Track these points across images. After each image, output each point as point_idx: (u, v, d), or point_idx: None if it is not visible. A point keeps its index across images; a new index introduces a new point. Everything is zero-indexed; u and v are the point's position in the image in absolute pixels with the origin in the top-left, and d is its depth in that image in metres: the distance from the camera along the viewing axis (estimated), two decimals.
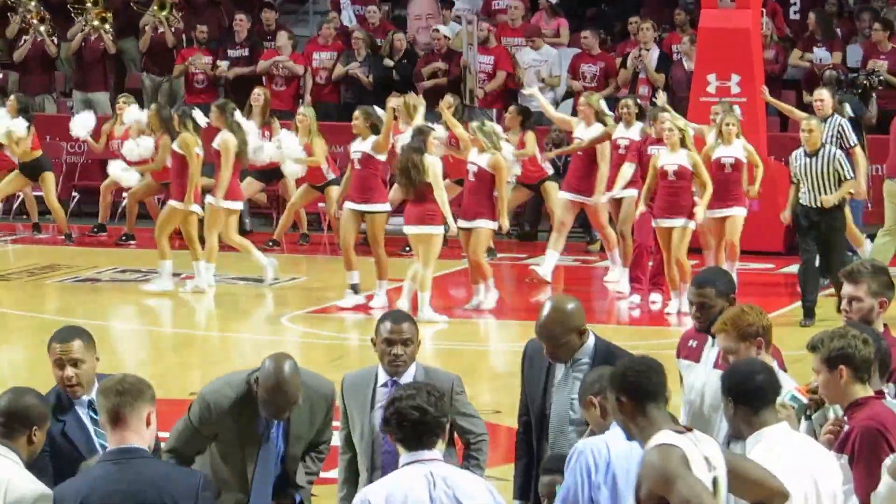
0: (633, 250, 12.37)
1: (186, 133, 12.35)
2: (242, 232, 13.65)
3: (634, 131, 12.43)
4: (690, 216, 11.58)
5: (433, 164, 11.43)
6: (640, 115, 12.64)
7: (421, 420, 4.72)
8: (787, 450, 4.90)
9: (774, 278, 13.40)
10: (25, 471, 4.99)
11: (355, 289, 11.96)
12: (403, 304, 11.38)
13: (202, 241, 12.49)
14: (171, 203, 12.61)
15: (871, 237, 12.92)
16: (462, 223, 11.80)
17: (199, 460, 6.03)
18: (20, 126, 14.37)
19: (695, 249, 12.23)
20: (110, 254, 14.55)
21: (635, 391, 4.63)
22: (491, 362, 11.55)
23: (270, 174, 14.40)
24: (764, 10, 15.45)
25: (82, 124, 15.01)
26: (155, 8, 17.15)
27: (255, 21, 17.49)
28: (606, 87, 15.83)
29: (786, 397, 5.29)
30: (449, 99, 13.35)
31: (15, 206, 16.00)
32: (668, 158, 11.64)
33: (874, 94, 14.77)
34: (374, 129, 11.88)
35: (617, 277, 12.80)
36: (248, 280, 13.08)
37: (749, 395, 4.84)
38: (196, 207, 12.38)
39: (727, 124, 11.96)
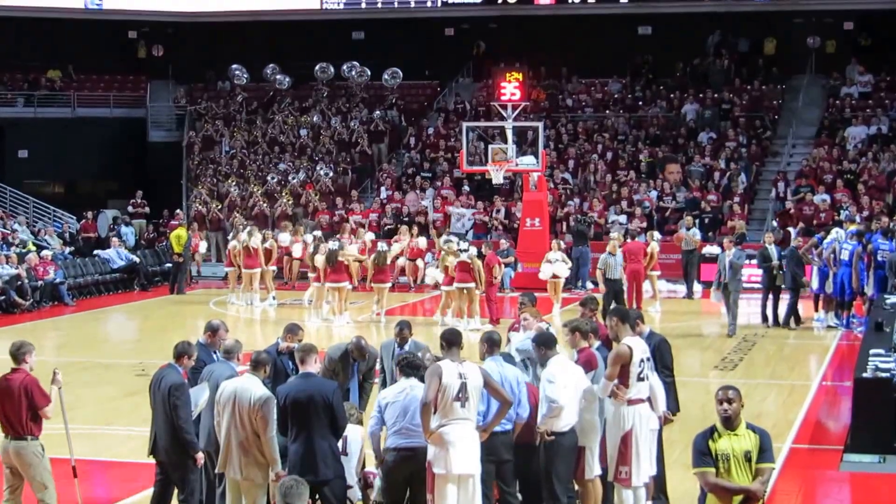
0: None
1: None
2: None
3: None
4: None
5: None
6: None
7: (411, 364, 8.97)
8: (562, 365, 9.04)
9: None
10: (259, 382, 8.70)
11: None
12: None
13: None
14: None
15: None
16: None
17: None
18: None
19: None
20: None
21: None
22: None
23: None
24: (550, 192, 30.46)
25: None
26: None
27: None
28: None
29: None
30: None
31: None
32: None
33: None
34: None
35: None
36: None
37: (544, 342, 9.16)
38: None
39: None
